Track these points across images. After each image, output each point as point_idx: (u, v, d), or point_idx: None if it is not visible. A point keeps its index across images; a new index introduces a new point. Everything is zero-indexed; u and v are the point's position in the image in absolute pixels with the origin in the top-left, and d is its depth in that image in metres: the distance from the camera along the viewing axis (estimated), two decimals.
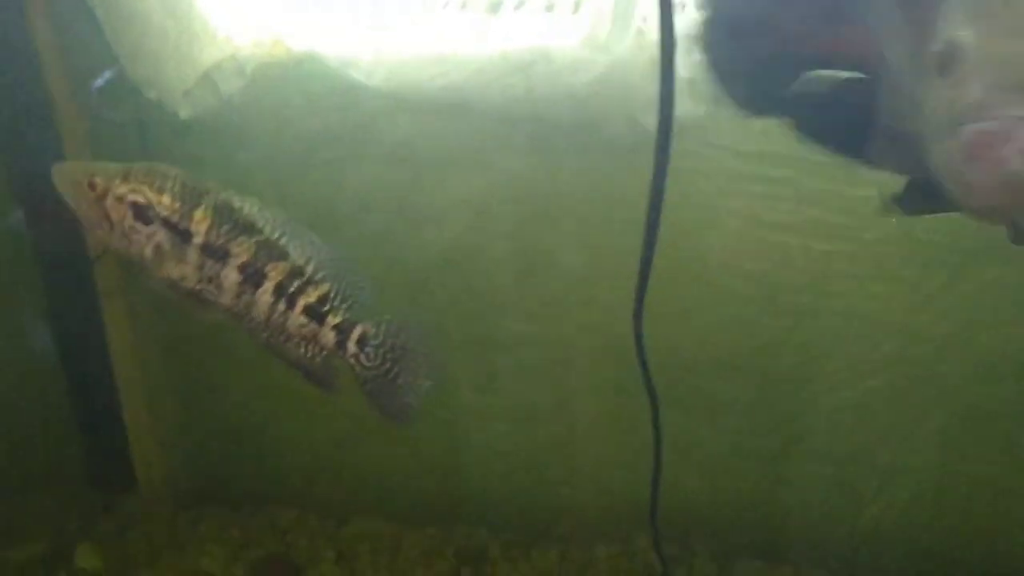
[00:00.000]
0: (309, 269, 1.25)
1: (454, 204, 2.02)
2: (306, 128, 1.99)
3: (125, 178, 1.26)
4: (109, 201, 1.23)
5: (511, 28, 1.79)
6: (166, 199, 1.22)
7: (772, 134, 1.87)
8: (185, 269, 1.22)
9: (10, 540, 2.26)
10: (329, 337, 1.28)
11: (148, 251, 1.25)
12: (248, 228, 1.22)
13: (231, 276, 1.24)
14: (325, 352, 1.26)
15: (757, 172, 1.86)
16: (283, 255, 1.23)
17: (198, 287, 1.23)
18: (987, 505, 2.03)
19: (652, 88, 1.83)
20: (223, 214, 1.23)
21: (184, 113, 1.94)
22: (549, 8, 1.84)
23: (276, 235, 1.23)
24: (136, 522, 2.42)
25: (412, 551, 2.31)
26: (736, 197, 1.89)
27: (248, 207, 1.23)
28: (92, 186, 1.27)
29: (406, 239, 2.09)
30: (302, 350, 1.26)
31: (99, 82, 2.03)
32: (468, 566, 2.26)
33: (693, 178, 1.89)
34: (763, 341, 1.99)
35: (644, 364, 1.46)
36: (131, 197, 1.24)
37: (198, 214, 1.24)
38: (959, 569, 2.08)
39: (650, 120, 1.90)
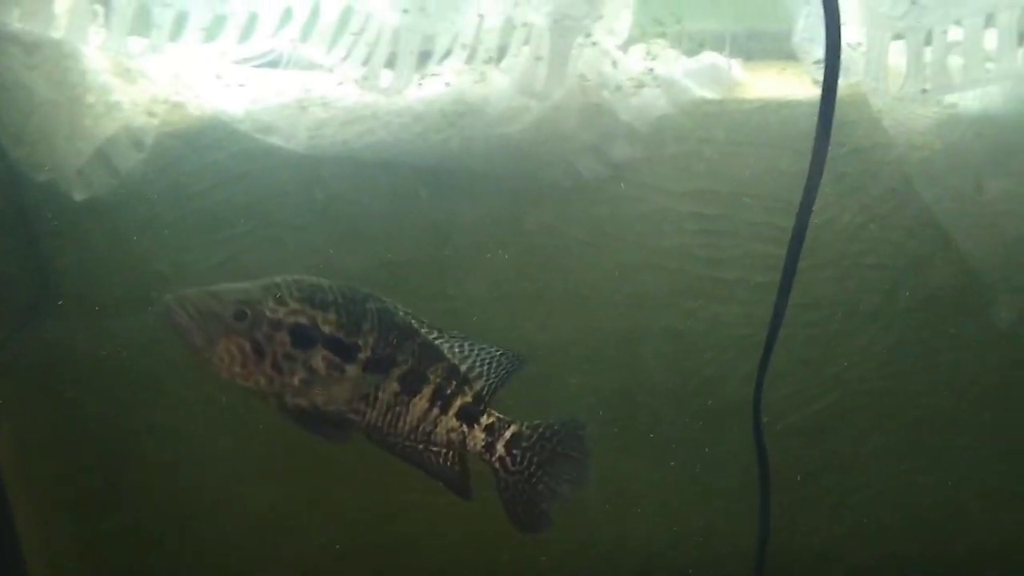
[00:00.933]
0: (464, 367, 1.12)
1: (375, 266, 1.92)
2: (213, 201, 1.84)
3: (278, 299, 1.10)
4: (264, 329, 1.06)
5: (439, 79, 1.73)
6: (331, 315, 1.06)
7: (704, 173, 1.90)
8: (341, 390, 1.05)
9: None
10: (478, 439, 1.18)
11: (298, 379, 1.09)
12: (408, 331, 1.08)
13: (391, 387, 1.10)
14: (465, 454, 1.14)
15: (693, 210, 1.86)
16: (440, 355, 1.10)
17: (349, 408, 1.06)
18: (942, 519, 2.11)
19: (588, 134, 1.82)
20: (385, 320, 1.08)
21: (79, 195, 1.75)
22: (468, 60, 1.79)
23: (432, 334, 1.09)
24: None
25: None
26: (672, 236, 1.89)
27: (398, 306, 1.09)
28: (240, 315, 1.12)
29: None
30: (443, 457, 1.12)
31: None
32: None
33: (630, 220, 1.88)
34: (707, 375, 1.99)
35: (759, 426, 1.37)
36: (292, 320, 1.09)
37: (366, 325, 1.12)
38: None
39: (588, 164, 1.90)
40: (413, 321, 1.14)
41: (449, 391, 1.12)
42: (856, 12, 1.68)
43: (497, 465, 1.18)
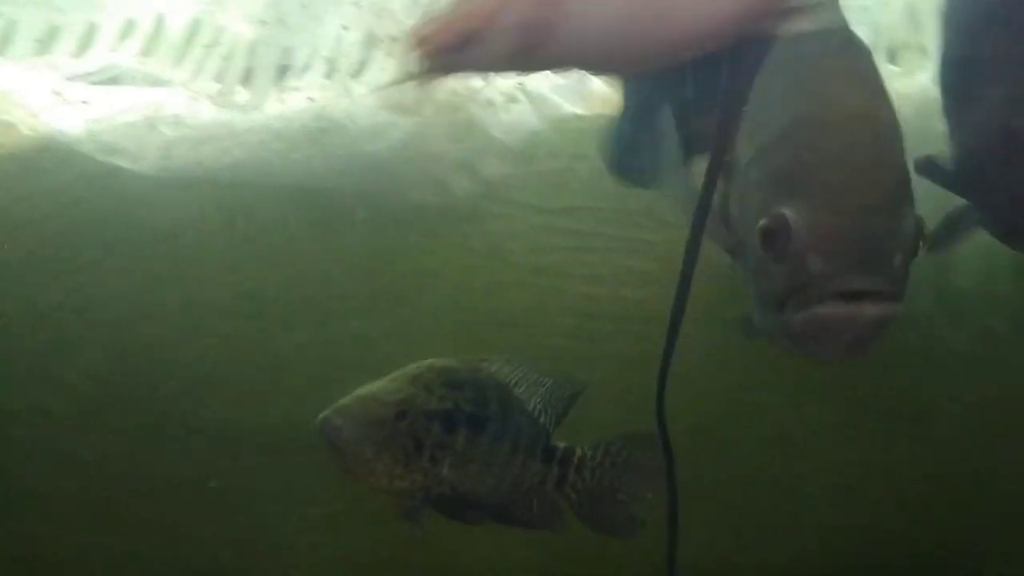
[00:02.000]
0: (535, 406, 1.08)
1: (238, 296, 1.83)
2: (53, 228, 1.71)
3: (426, 387, 1.08)
4: (421, 423, 1.03)
5: (300, 95, 1.66)
6: (469, 393, 1.07)
7: (577, 189, 1.91)
8: (478, 466, 1.06)
9: None
10: (554, 474, 1.16)
11: (447, 467, 1.09)
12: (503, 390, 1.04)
13: (503, 452, 1.10)
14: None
15: (565, 226, 1.87)
16: (522, 402, 1.05)
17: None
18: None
19: (459, 151, 1.79)
20: (494, 385, 1.09)
21: None
22: (330, 74, 1.73)
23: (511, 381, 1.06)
24: None
25: None
26: (545, 253, 1.89)
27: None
28: (402, 416, 1.08)
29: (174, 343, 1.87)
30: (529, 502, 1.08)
31: None
32: None
33: (501, 238, 1.86)
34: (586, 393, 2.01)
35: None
36: (441, 407, 1.08)
37: (490, 394, 1.13)
38: None
39: (458, 183, 1.87)
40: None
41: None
42: None
43: (569, 491, 1.17)
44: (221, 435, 1.92)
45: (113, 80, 1.73)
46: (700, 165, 1.24)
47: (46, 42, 1.61)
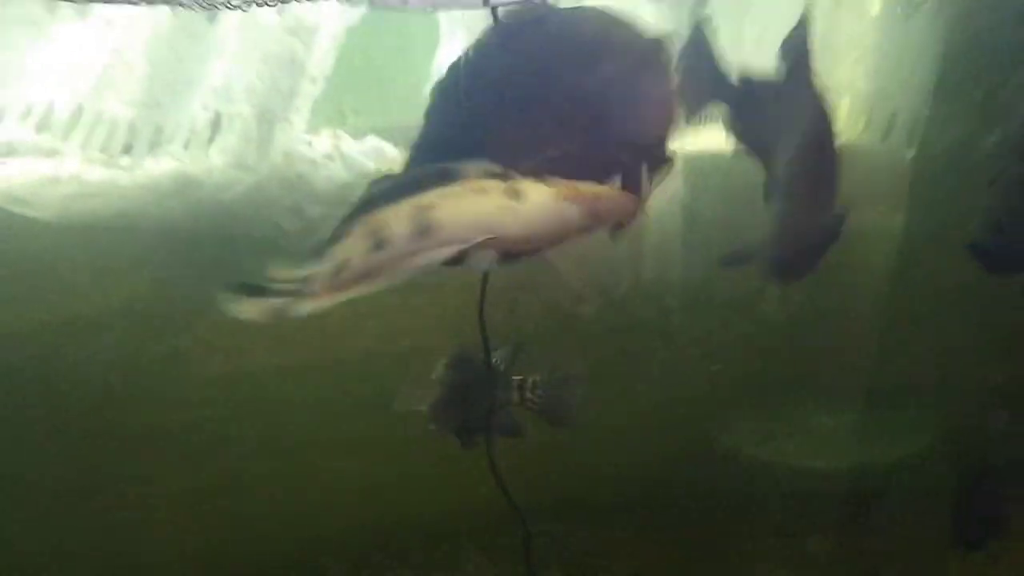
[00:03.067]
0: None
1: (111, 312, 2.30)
2: None
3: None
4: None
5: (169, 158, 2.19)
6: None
7: None
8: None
9: None
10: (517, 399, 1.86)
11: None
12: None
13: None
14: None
15: None
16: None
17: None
18: None
19: (290, 198, 2.34)
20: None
21: None
22: (190, 143, 2.26)
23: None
24: None
25: None
26: None
27: None
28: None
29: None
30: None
31: None
32: None
33: None
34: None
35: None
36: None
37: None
38: None
39: (289, 222, 2.40)
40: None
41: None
42: None
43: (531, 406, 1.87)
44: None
45: (13, 151, 2.19)
46: None
47: None
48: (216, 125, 2.26)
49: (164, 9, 2.13)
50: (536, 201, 1.39)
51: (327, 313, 1.33)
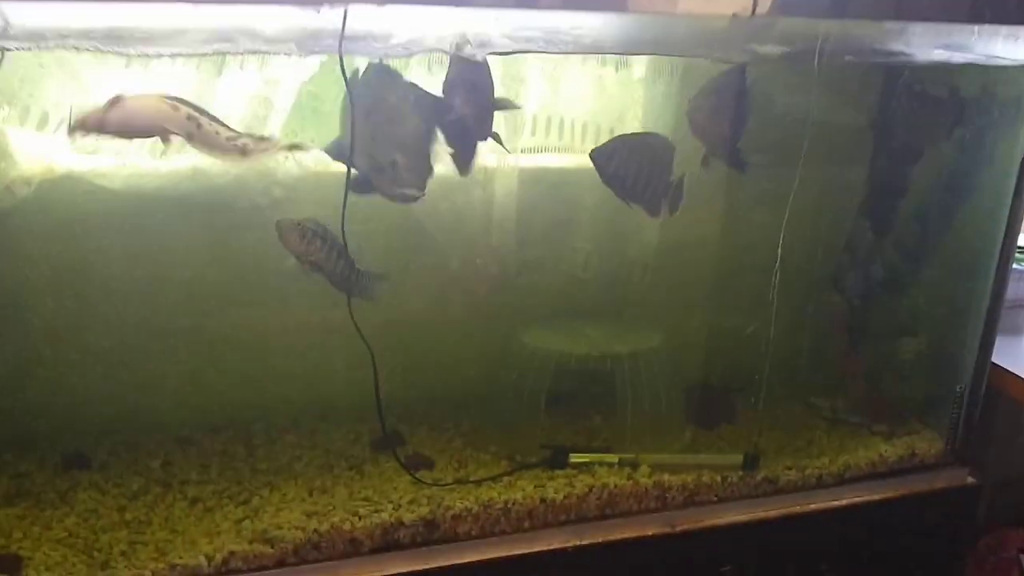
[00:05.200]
0: None
1: None
2: None
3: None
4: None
5: None
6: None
7: None
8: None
9: None
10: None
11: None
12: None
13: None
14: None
15: None
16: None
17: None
18: None
19: (263, 182, 3.68)
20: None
21: None
22: None
23: None
24: None
25: None
26: None
27: None
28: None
29: None
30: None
31: None
32: None
33: None
34: None
35: None
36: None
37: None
38: None
39: (259, 200, 3.74)
40: None
41: None
42: None
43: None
44: None
45: (98, 149, 3.57)
46: None
47: None
48: None
49: (194, 62, 3.48)
50: None
51: None
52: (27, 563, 2.95)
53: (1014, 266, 4.53)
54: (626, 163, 3.10)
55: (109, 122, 2.67)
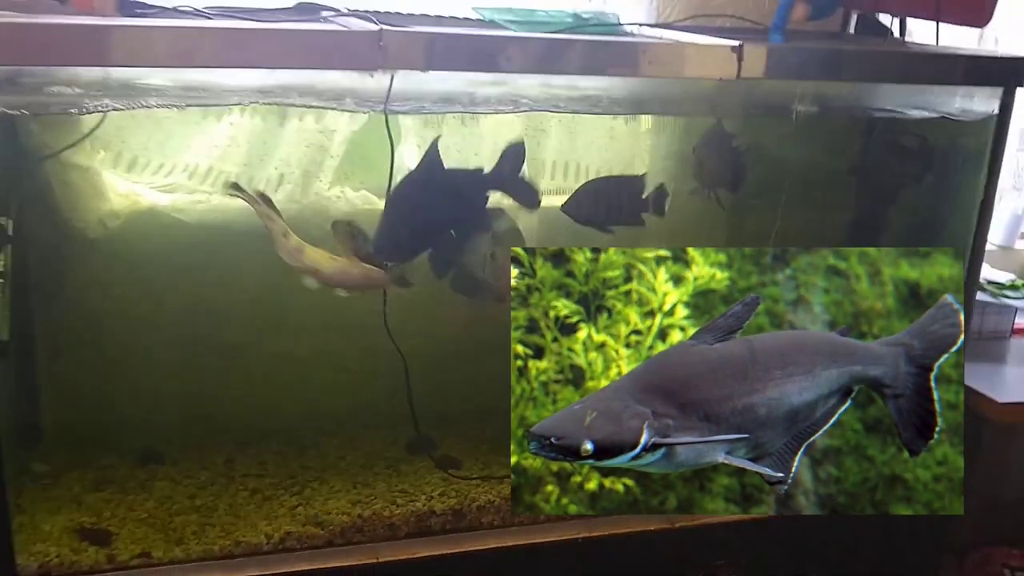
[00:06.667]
0: None
1: None
2: None
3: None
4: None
5: None
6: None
7: None
8: None
9: None
10: None
11: None
12: None
13: None
14: None
15: None
16: None
17: None
18: None
19: (317, 219, 4.22)
20: None
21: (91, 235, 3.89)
22: (264, 187, 4.17)
23: None
24: None
25: None
26: None
27: None
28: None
29: None
30: None
31: None
32: None
33: None
34: None
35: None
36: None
37: None
38: None
39: (315, 232, 4.28)
40: None
41: None
42: None
43: None
44: None
45: (177, 188, 4.13)
46: None
47: None
48: (281, 179, 4.16)
49: (260, 118, 4.03)
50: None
51: None
52: (115, 537, 3.47)
53: (994, 300, 5.00)
54: (594, 204, 3.63)
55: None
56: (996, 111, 3.63)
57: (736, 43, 3.18)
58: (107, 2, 2.90)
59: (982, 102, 3.67)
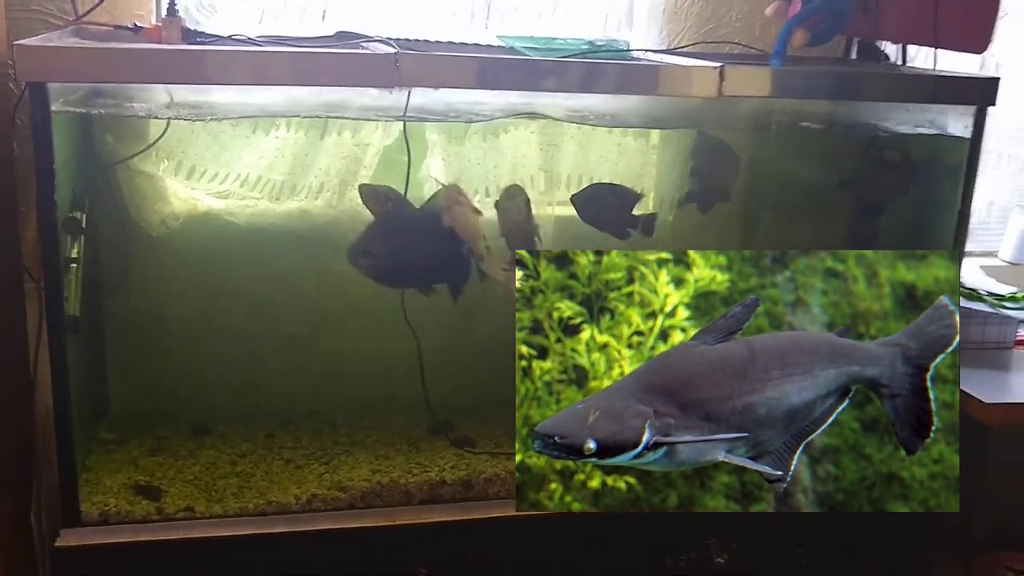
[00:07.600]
0: None
1: None
2: None
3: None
4: None
5: None
6: None
7: None
8: None
9: None
10: None
11: None
12: None
13: None
14: None
15: None
16: None
17: None
18: None
19: (353, 222, 4.69)
20: None
21: (154, 233, 4.40)
22: (306, 195, 4.67)
23: None
24: None
25: None
26: None
27: None
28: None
29: None
30: None
31: None
32: None
33: None
34: None
35: None
36: None
37: None
38: None
39: (350, 235, 4.76)
40: None
41: None
42: None
43: None
44: None
45: (230, 195, 4.65)
46: None
47: None
48: (322, 187, 4.33)
49: (303, 132, 4.50)
50: None
51: None
52: (164, 494, 3.96)
53: (994, 311, 5.24)
54: (598, 203, 3.99)
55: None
56: (971, 128, 3.90)
57: (718, 64, 3.56)
58: (173, 32, 3.40)
59: (956, 120, 3.95)
